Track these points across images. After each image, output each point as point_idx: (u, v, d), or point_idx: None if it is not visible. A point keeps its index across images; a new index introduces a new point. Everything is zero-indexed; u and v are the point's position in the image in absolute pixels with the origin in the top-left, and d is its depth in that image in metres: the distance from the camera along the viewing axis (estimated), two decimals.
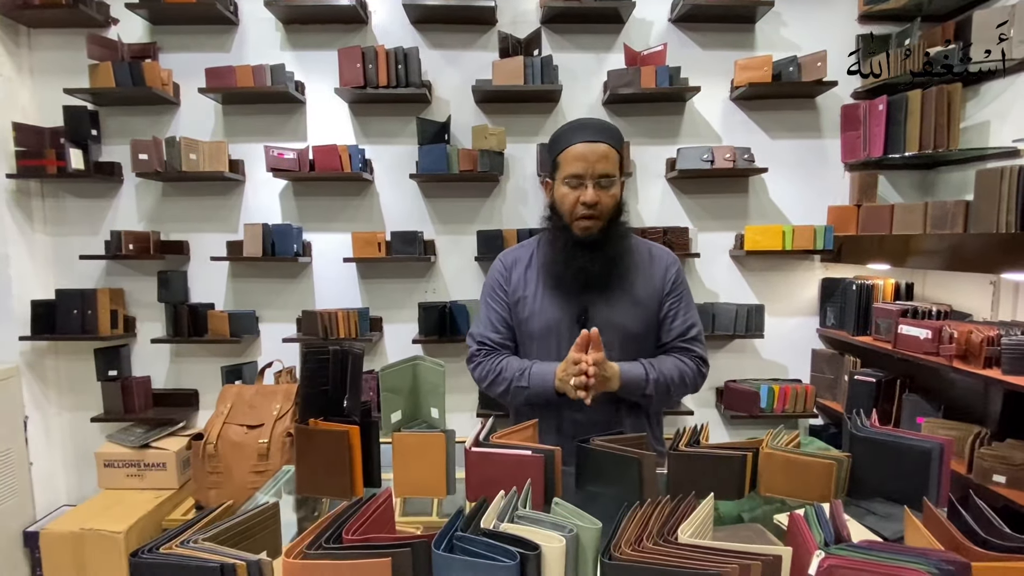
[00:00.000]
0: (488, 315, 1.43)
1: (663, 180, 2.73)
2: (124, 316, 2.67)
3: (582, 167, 1.27)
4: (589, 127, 1.31)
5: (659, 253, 1.42)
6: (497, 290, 1.43)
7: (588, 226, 1.30)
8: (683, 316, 1.39)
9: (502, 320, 1.41)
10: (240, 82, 2.46)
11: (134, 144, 2.46)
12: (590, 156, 1.26)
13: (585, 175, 1.27)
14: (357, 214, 2.71)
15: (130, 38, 2.57)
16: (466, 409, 2.71)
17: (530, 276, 1.40)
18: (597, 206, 1.28)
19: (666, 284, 1.38)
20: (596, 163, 1.26)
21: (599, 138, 1.28)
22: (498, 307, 1.42)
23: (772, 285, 2.79)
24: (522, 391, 1.33)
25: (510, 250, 1.49)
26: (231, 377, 2.56)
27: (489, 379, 1.39)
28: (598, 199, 1.27)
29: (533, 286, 1.39)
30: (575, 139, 1.29)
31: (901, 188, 2.75)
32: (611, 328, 1.32)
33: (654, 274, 1.38)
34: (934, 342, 2.10)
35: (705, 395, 2.83)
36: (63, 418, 2.75)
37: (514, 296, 1.41)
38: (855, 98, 2.70)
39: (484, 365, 1.40)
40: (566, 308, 1.35)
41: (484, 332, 1.42)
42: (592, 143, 1.27)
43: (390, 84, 2.46)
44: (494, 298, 1.43)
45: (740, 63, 2.55)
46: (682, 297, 1.40)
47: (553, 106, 2.67)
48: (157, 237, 2.64)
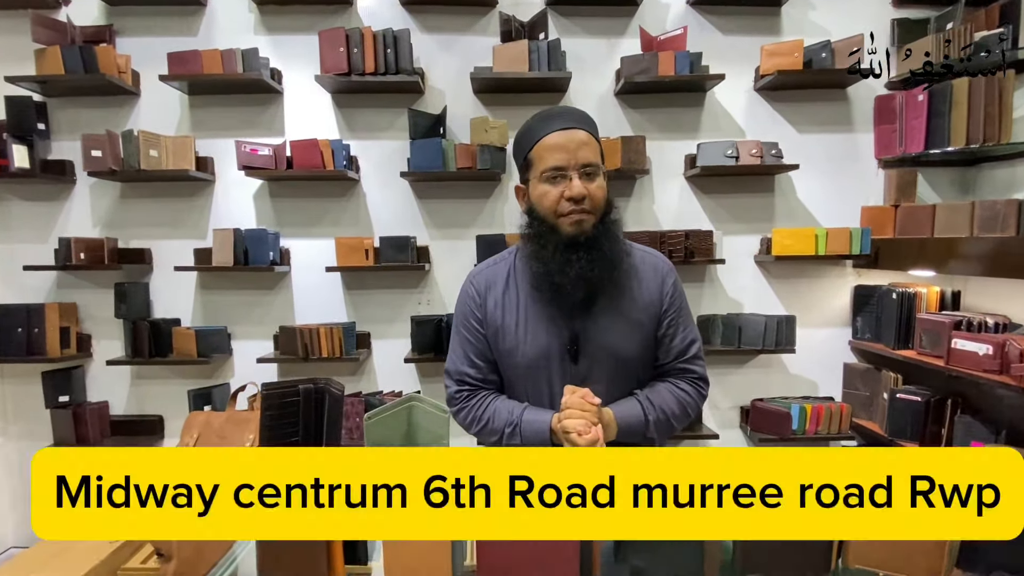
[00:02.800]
0: (464, 348, 1.23)
1: (681, 178, 2.53)
2: (77, 334, 2.45)
3: (562, 158, 1.08)
4: (563, 115, 1.14)
5: (652, 260, 1.24)
6: (470, 319, 1.22)
7: (581, 219, 1.10)
8: (683, 333, 1.22)
9: (479, 353, 1.21)
10: (207, 68, 2.28)
11: (86, 139, 2.28)
12: (569, 144, 1.08)
13: (567, 166, 1.08)
14: (341, 217, 2.53)
15: (83, 20, 2.39)
16: (469, 438, 2.45)
17: (509, 299, 1.19)
18: (586, 200, 1.09)
19: (664, 299, 1.21)
20: (577, 151, 1.08)
21: (575, 124, 1.11)
22: (473, 339, 1.21)
23: (800, 293, 2.59)
24: (512, 439, 1.17)
25: (480, 269, 1.27)
26: (199, 402, 2.35)
27: (476, 428, 1.22)
28: (586, 191, 1.08)
29: (515, 312, 1.18)
30: (548, 128, 1.11)
31: (939, 186, 2.57)
32: (604, 354, 1.16)
33: (651, 288, 1.20)
34: (995, 359, 1.90)
35: (729, 415, 2.61)
36: (8, 449, 2.52)
37: (492, 326, 1.19)
38: (890, 88, 2.49)
39: (467, 411, 1.22)
40: (556, 334, 1.15)
41: (461, 368, 1.23)
42: (569, 130, 1.09)
43: (378, 71, 2.30)
44: (468, 328, 1.22)
45: (767, 48, 2.34)
46: (681, 311, 1.23)
47: (561, 96, 2.49)
48: (114, 245, 2.44)
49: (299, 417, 1.03)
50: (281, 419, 1.02)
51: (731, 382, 2.58)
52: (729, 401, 2.60)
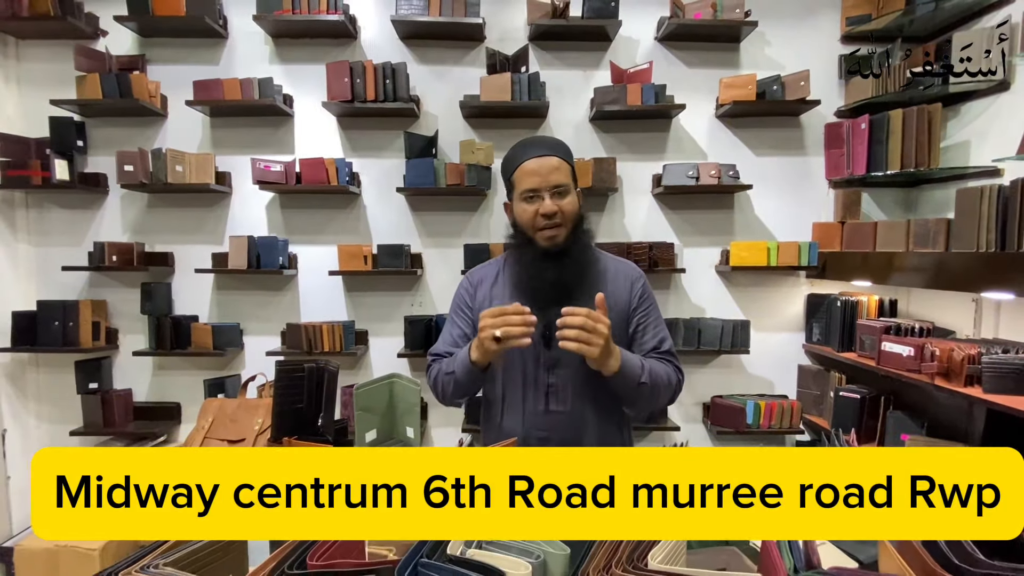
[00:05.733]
0: (451, 331, 1.40)
1: (649, 196, 2.75)
2: (106, 328, 2.64)
3: (536, 181, 1.27)
4: (539, 144, 1.32)
5: (623, 268, 1.40)
6: (462, 307, 1.41)
7: (553, 235, 1.28)
8: (653, 330, 1.36)
9: (464, 336, 1.38)
10: (228, 95, 2.46)
11: (120, 155, 2.45)
12: (541, 170, 1.27)
13: (540, 188, 1.27)
14: (343, 227, 2.71)
15: (118, 50, 2.58)
16: (452, 424, 2.69)
17: (496, 293, 1.38)
18: (557, 215, 1.27)
19: (632, 299, 1.36)
20: (549, 175, 1.27)
21: (549, 152, 1.29)
22: (462, 323, 1.40)
23: (758, 301, 2.80)
24: (450, 379, 1.29)
25: (477, 268, 1.47)
26: (214, 390, 2.53)
27: (431, 380, 1.35)
28: (557, 208, 1.27)
29: (500, 302, 1.35)
30: (526, 156, 1.29)
31: (885, 205, 2.78)
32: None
33: (620, 288, 1.36)
34: (916, 359, 2.10)
35: (691, 410, 2.82)
36: (42, 431, 2.71)
37: (480, 310, 1.36)
38: (838, 116, 2.73)
39: (431, 370, 1.37)
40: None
41: (441, 348, 1.39)
42: (542, 157, 1.28)
43: (378, 98, 2.48)
44: (459, 315, 1.41)
45: (725, 81, 2.58)
46: (650, 311, 1.38)
47: (540, 122, 2.69)
48: (141, 249, 2.62)
49: (304, 388, 1.28)
50: (290, 390, 1.27)
51: (694, 380, 2.77)
52: (692, 398, 2.81)
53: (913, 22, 2.52)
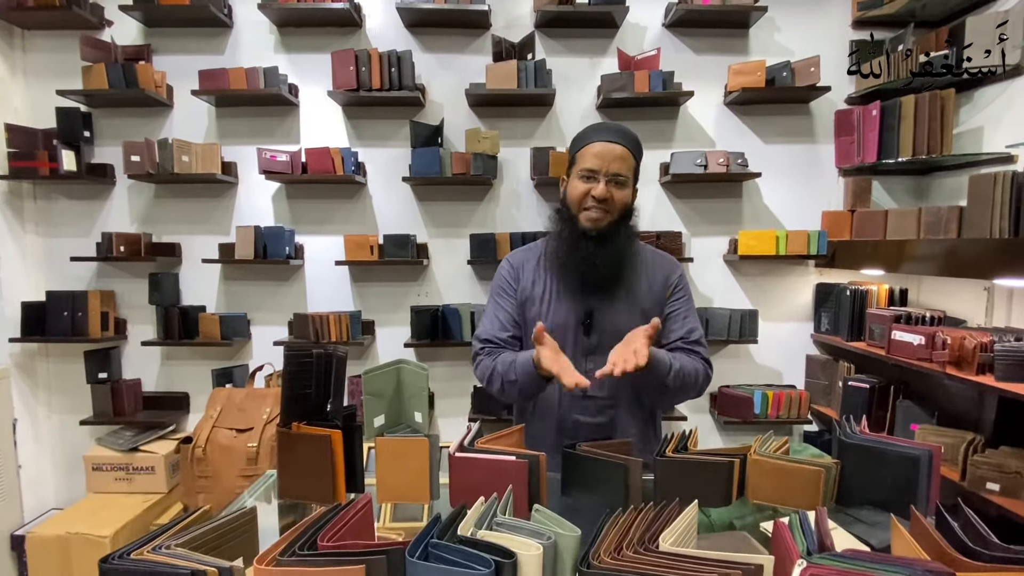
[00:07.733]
0: (496, 313, 1.42)
1: (657, 184, 2.73)
2: (115, 318, 2.65)
3: (597, 163, 1.29)
4: (612, 129, 1.34)
5: (662, 261, 1.43)
6: (506, 288, 1.43)
7: (596, 217, 1.30)
8: (683, 319, 1.39)
9: (510, 318, 1.41)
10: (233, 84, 2.46)
11: (126, 146, 2.45)
12: (606, 155, 1.29)
13: (599, 171, 1.29)
14: (350, 217, 2.71)
15: (124, 40, 2.56)
16: (459, 413, 2.69)
17: (539, 275, 1.41)
18: (607, 202, 1.29)
19: (668, 288, 1.40)
20: (611, 162, 1.29)
21: (619, 140, 1.31)
22: (507, 305, 1.41)
23: (766, 290, 2.78)
24: (513, 385, 1.31)
25: (516, 252, 1.50)
26: (221, 380, 2.56)
27: (486, 377, 1.37)
28: (609, 195, 1.29)
29: (542, 286, 1.39)
30: (595, 137, 1.32)
31: (896, 193, 2.75)
32: (612, 330, 1.32)
33: (657, 279, 1.39)
34: (927, 348, 2.09)
35: (699, 400, 2.79)
36: (52, 421, 2.73)
37: (523, 295, 1.40)
38: (849, 103, 2.70)
39: (483, 364, 1.38)
40: (574, 309, 1.35)
41: (490, 331, 1.41)
42: (611, 143, 1.30)
43: (383, 87, 2.46)
44: (502, 296, 1.43)
45: (733, 68, 2.55)
46: (683, 302, 1.41)
47: (547, 110, 2.68)
48: (149, 239, 2.63)
49: (312, 374, 1.28)
50: (299, 375, 1.27)
51: None
52: None
53: (926, 6, 2.48)
